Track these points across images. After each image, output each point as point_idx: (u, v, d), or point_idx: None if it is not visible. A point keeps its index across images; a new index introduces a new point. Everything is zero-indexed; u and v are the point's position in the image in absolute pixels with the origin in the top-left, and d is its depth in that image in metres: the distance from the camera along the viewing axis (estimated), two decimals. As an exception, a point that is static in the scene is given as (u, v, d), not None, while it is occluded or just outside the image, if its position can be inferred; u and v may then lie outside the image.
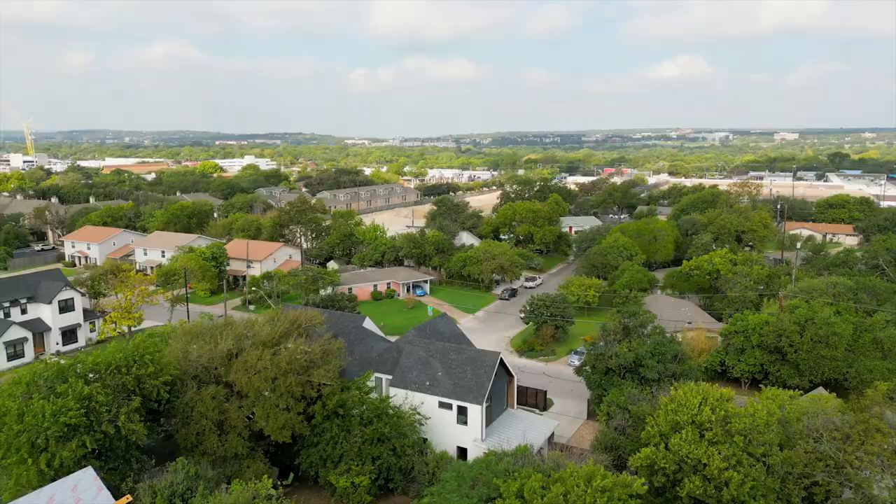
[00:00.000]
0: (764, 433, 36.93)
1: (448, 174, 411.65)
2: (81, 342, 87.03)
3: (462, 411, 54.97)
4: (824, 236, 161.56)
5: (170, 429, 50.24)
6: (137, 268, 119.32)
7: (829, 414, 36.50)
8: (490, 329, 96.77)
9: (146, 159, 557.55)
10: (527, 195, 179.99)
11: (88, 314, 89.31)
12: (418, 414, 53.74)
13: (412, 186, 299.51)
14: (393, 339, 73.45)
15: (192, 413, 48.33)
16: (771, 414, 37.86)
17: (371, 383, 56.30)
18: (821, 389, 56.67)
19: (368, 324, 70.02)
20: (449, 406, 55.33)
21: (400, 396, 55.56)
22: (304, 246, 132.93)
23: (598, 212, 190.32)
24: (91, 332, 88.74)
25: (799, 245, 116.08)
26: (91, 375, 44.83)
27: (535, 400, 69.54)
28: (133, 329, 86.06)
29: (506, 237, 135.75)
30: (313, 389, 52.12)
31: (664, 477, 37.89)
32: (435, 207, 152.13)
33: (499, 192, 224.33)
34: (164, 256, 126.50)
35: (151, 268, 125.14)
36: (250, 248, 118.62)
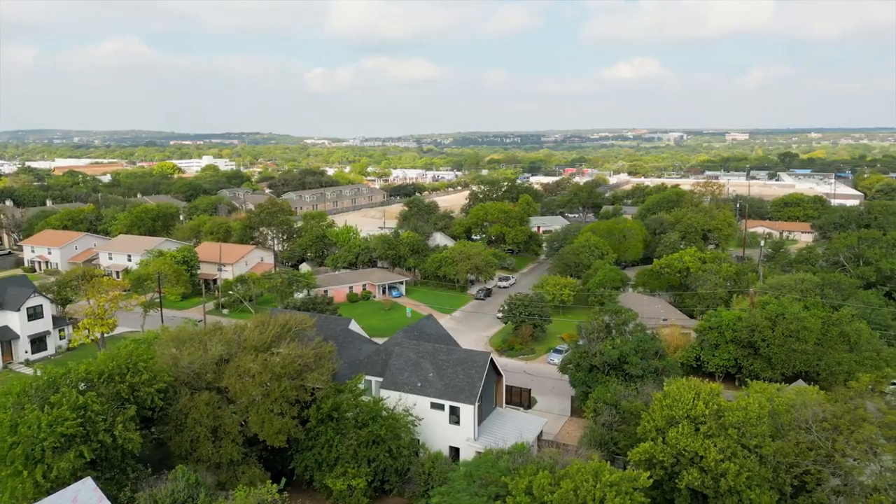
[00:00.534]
0: (756, 425, 38.66)
1: (412, 174, 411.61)
2: (51, 350, 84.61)
3: (454, 411, 55.61)
4: (781, 234, 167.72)
5: (161, 436, 49.52)
6: (104, 273, 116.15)
7: (815, 406, 38.44)
8: (468, 329, 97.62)
9: (99, 160, 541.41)
10: (494, 195, 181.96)
11: (58, 321, 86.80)
12: (411, 415, 54.18)
13: (377, 187, 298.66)
14: (376, 341, 73.64)
15: (187, 420, 47.81)
16: (762, 407, 39.65)
17: (361, 386, 56.50)
18: (800, 382, 59.20)
19: (354, 326, 70.08)
20: (441, 406, 55.91)
21: (392, 398, 55.85)
22: (274, 248, 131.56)
23: (565, 211, 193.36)
24: (61, 339, 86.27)
25: (763, 243, 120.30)
26: (82, 385, 43.93)
27: (520, 398, 70.67)
28: (106, 336, 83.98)
29: (478, 237, 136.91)
30: (307, 393, 52.07)
31: (662, 470, 39.27)
32: (406, 208, 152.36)
33: (465, 193, 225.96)
34: (130, 260, 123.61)
35: (117, 272, 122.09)
36: (222, 250, 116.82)
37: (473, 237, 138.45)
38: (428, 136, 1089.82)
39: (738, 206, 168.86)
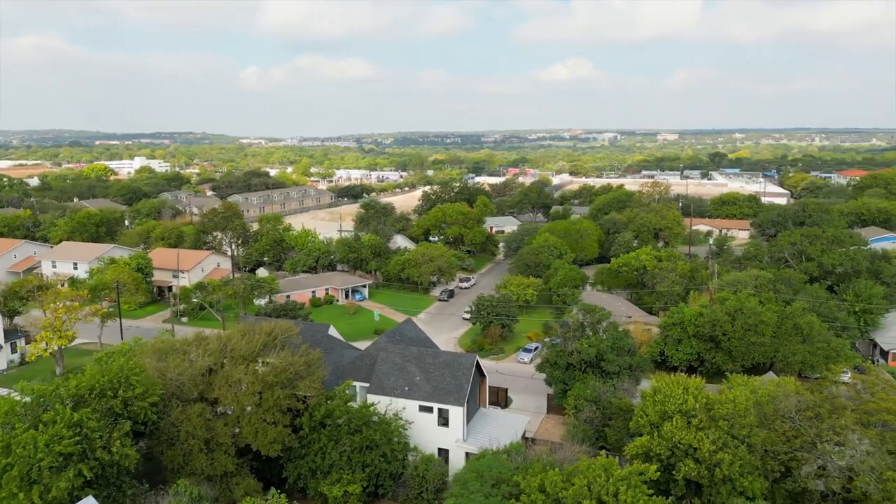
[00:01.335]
0: (744, 416, 41.27)
1: (356, 175, 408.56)
2: (2, 365, 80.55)
3: (443, 414, 56.51)
4: (720, 231, 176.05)
5: (151, 450, 48.36)
6: (59, 282, 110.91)
7: (796, 396, 41.38)
8: (436, 331, 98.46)
9: (22, 161, 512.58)
10: (447, 196, 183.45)
11: (9, 334, 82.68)
12: (401, 419, 54.72)
13: (324, 188, 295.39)
14: (353, 345, 73.59)
15: (179, 433, 46.92)
16: (747, 399, 42.34)
17: (349, 392, 56.62)
18: (771, 374, 62.89)
19: (333, 332, 69.92)
20: (429, 409, 56.68)
21: (380, 402, 56.17)
22: (230, 253, 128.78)
23: (515, 212, 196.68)
24: (13, 353, 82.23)
25: (711, 241, 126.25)
26: (68, 402, 42.50)
27: (497, 398, 72.14)
28: (63, 349, 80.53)
29: (436, 239, 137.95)
30: (299, 401, 51.91)
31: (659, 462, 41.34)
32: (362, 210, 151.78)
33: (414, 193, 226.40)
34: (76, 269, 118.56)
35: (63, 282, 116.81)
36: (175, 256, 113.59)
37: (431, 238, 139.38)
38: (368, 135, 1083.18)
39: (680, 205, 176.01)
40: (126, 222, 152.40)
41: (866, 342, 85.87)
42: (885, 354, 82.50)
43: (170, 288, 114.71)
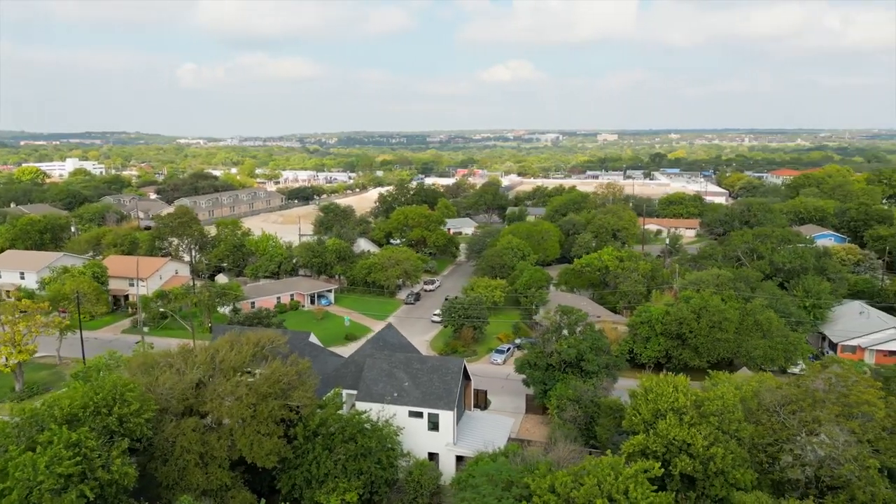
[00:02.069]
0: (732, 412, 43.61)
1: (303, 176, 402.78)
2: (-46, 383, 76.38)
3: (433, 418, 57.13)
4: (669, 230, 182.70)
5: (145, 466, 47.13)
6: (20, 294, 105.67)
7: (780, 390, 44.04)
8: (407, 334, 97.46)
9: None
10: (403, 198, 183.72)
11: (-39, 350, 78.28)
12: (393, 425, 55.03)
13: (273, 189, 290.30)
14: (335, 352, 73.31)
15: (174, 448, 45.98)
16: (734, 395, 44.74)
17: (339, 400, 56.58)
18: (745, 370, 66.10)
19: (314, 339, 69.46)
20: (419, 414, 57.22)
21: (368, 409, 56.31)
22: (187, 259, 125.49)
23: (471, 213, 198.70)
24: (-34, 370, 77.90)
25: (667, 240, 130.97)
26: (62, 421, 41.12)
27: (477, 399, 73.13)
28: (23, 363, 77.05)
29: (398, 241, 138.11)
30: (292, 412, 51.58)
31: (655, 459, 43.21)
32: (321, 214, 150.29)
33: (364, 195, 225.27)
34: (24, 279, 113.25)
35: (7, 292, 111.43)
36: (132, 264, 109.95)
37: (393, 241, 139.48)
38: (311, 135, 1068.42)
39: (631, 205, 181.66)
40: (73, 229, 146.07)
41: (815, 335, 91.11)
42: (833, 346, 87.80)
43: (126, 297, 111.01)
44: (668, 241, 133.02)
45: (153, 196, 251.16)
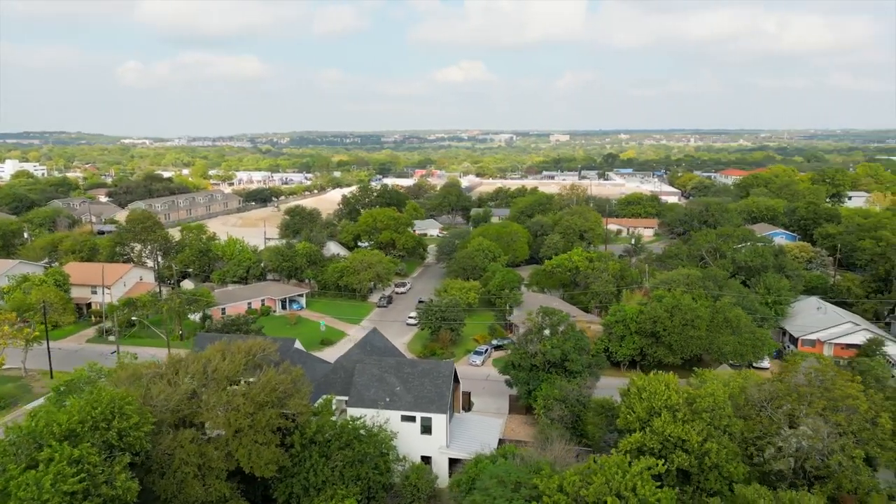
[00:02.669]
0: (723, 409, 45.61)
1: (257, 177, 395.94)
2: (-87, 399, 72.84)
3: (425, 422, 57.61)
4: (628, 230, 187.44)
5: (142, 479, 46.11)
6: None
7: (766, 386, 46.29)
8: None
9: None
10: (366, 200, 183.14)
11: (-80, 365, 74.81)
12: (386, 430, 55.26)
13: (229, 191, 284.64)
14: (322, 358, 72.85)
15: (173, 460, 45.22)
16: (724, 392, 46.77)
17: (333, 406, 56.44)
18: (725, 367, 68.66)
19: (298, 345, 68.97)
20: (412, 419, 57.63)
21: (363, 414, 56.40)
22: (151, 265, 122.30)
23: (435, 214, 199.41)
24: (-74, 385, 74.50)
25: (633, 241, 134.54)
26: (61, 438, 39.99)
27: (461, 401, 73.93)
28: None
29: (366, 244, 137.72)
30: (288, 419, 51.29)
31: (652, 456, 44.82)
32: (287, 217, 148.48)
33: (323, 196, 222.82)
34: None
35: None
36: (97, 271, 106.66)
37: (361, 244, 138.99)
38: (263, 135, 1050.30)
39: (591, 205, 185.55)
40: (25, 234, 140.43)
41: (777, 331, 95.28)
42: (794, 341, 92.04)
43: (88, 305, 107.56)
44: (633, 241, 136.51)
45: (104, 199, 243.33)
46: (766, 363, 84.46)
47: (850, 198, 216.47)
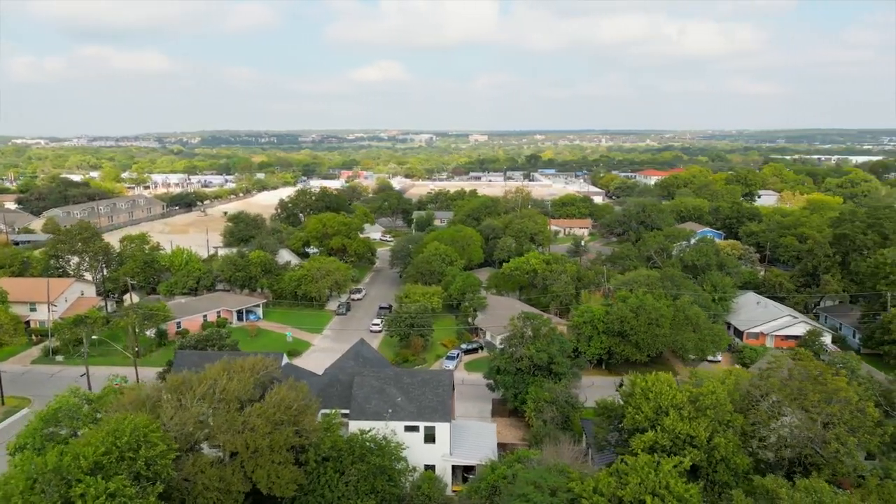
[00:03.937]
0: (724, 405, 49.04)
1: (174, 179, 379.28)
2: None
3: (429, 431, 58.27)
4: (565, 230, 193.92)
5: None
6: None
7: (759, 382, 50.19)
8: (348, 345, 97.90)
9: None
10: (304, 204, 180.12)
11: None
12: (393, 441, 55.50)
13: (150, 196, 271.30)
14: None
15: (195, 486, 43.80)
16: (723, 389, 50.24)
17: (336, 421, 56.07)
18: (705, 364, 72.82)
19: (286, 359, 67.68)
20: (416, 428, 58.16)
21: (370, 428, 56.34)
22: (89, 279, 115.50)
23: (376, 216, 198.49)
24: None
25: (575, 242, 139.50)
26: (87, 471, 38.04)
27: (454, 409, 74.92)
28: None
29: (316, 250, 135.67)
30: (301, 437, 50.63)
31: (664, 453, 47.61)
32: (230, 224, 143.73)
33: (249, 199, 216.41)
34: None
35: None
36: (34, 287, 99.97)
37: (310, 250, 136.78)
38: (171, 134, 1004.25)
39: (529, 205, 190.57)
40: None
41: (723, 325, 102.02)
42: (739, 334, 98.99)
43: (27, 323, 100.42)
44: (575, 242, 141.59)
45: (13, 206, 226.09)
46: (718, 357, 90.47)
47: (759, 196, 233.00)
